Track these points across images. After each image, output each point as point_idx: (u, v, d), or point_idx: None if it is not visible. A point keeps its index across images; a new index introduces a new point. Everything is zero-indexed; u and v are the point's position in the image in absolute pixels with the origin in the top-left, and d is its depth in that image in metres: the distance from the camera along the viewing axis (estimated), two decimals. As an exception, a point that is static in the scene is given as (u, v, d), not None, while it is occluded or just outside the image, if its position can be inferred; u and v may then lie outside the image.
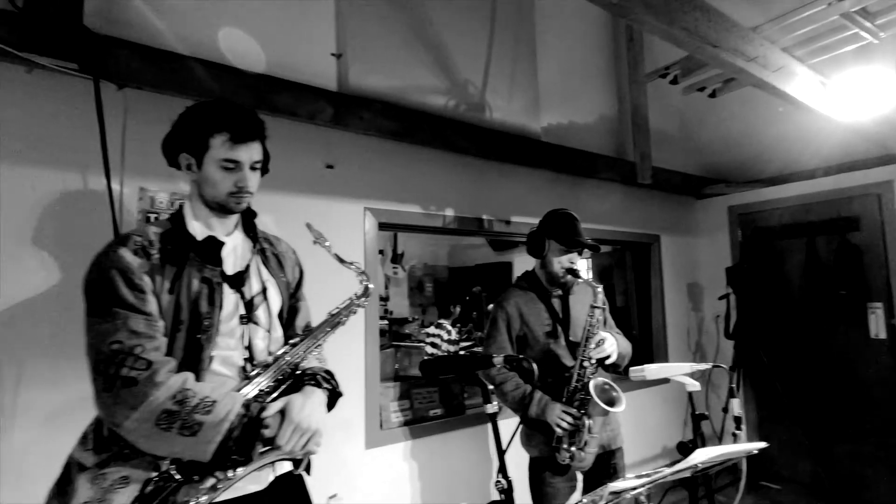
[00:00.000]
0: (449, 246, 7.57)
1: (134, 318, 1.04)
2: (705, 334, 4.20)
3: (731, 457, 1.21)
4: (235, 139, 1.16)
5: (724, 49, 1.63)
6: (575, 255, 1.87)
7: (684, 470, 1.12)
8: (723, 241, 4.16)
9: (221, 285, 1.18)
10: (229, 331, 1.18)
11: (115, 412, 1.00)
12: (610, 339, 1.78)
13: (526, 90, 3.04)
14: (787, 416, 3.62)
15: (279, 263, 1.35)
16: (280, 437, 1.09)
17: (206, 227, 1.23)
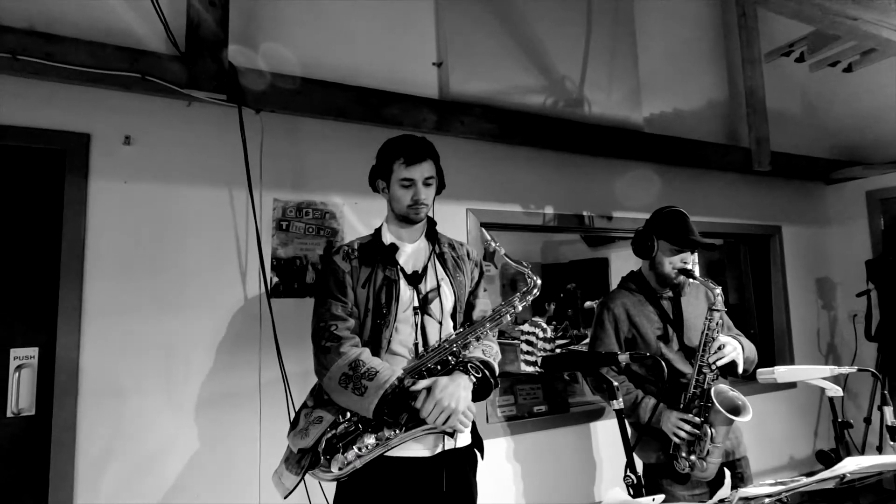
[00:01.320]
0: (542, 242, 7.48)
1: (335, 305, 1.41)
2: (839, 335, 3.76)
3: (884, 469, 1.11)
4: (409, 161, 1.45)
5: (865, 20, 1.47)
6: (687, 254, 1.79)
7: (829, 479, 1.05)
8: (860, 230, 3.69)
9: (398, 282, 1.45)
10: (405, 319, 1.44)
11: (318, 370, 1.38)
12: (733, 343, 1.68)
13: (625, 81, 2.94)
14: (950, 431, 3.12)
15: (457, 265, 1.58)
16: (423, 409, 1.30)
17: (395, 237, 1.53)
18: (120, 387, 1.78)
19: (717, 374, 1.66)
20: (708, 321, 1.66)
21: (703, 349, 1.66)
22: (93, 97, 1.82)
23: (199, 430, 1.86)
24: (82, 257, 1.76)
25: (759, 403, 3.33)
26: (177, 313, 1.87)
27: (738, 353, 1.67)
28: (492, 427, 2.52)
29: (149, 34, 1.87)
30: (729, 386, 1.61)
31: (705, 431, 1.57)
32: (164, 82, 1.77)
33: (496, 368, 1.47)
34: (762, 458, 3.28)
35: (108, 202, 1.82)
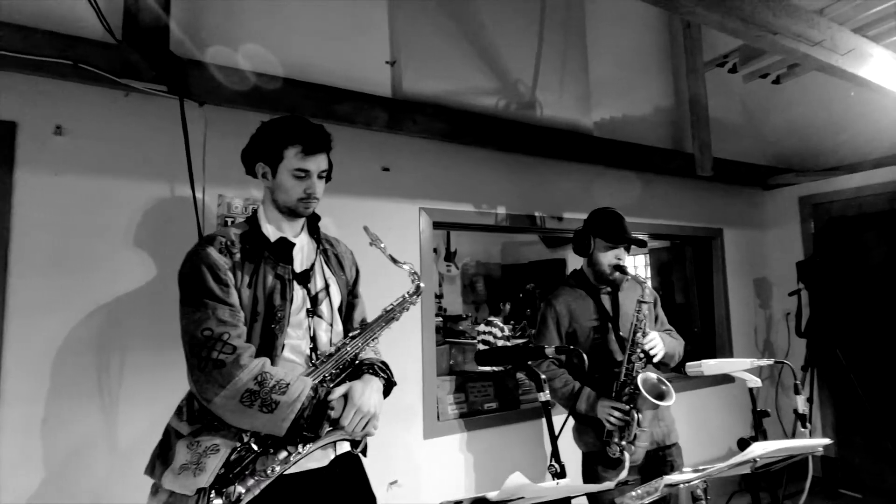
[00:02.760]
0: (501, 243, 7.59)
1: (221, 309, 1.19)
2: (775, 332, 3.99)
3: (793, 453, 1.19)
4: (307, 151, 1.31)
5: (785, 35, 1.57)
6: (621, 251, 1.87)
7: (742, 464, 1.12)
8: (793, 233, 3.93)
9: (292, 282, 1.32)
10: (298, 322, 1.32)
11: (206, 389, 1.14)
12: (655, 337, 1.76)
13: (576, 86, 3.03)
14: (869, 420, 3.38)
15: (339, 263, 1.49)
16: (343, 418, 1.22)
17: (277, 230, 1.37)
18: (46, 388, 1.70)
19: (645, 362, 1.74)
20: (636, 313, 1.74)
21: (632, 339, 1.73)
22: (21, 84, 1.73)
23: (130, 430, 1.79)
24: (6, 252, 1.66)
25: (704, 397, 3.51)
26: (109, 313, 1.80)
27: (660, 346, 1.76)
28: (444, 424, 2.55)
29: (87, 20, 1.79)
30: (656, 373, 1.69)
31: (632, 417, 1.65)
32: (99, 71, 1.70)
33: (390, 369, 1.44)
34: (704, 448, 3.44)
35: (36, 195, 1.73)
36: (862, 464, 3.51)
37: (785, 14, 1.58)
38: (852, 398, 3.44)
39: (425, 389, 2.47)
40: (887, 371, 3.37)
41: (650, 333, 1.76)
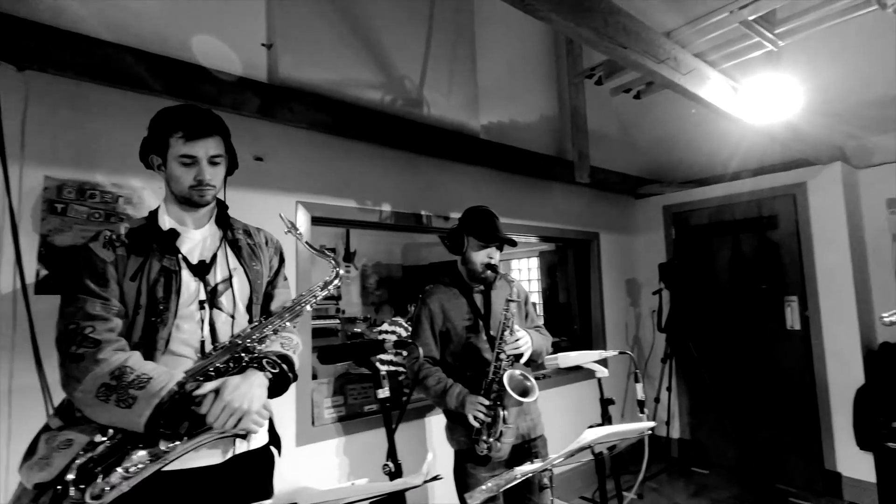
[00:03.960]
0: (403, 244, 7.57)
1: (91, 303, 1.18)
2: (642, 328, 4.38)
3: (624, 437, 1.27)
4: (189, 136, 1.28)
5: (633, 51, 1.70)
6: (493, 250, 1.91)
7: (580, 451, 1.17)
8: (658, 238, 4.35)
9: (179, 273, 1.28)
10: (188, 315, 1.28)
11: (67, 383, 1.15)
12: (523, 335, 1.82)
13: (465, 88, 3.07)
14: (715, 404, 3.83)
15: (253, 253, 1.44)
16: (210, 414, 1.16)
17: (176, 221, 1.35)
18: None
19: (513, 360, 1.78)
20: (505, 311, 1.78)
21: (500, 337, 1.77)
22: None
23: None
24: None
25: (578, 390, 3.72)
26: None
27: (528, 345, 1.81)
28: (320, 430, 2.43)
29: None
30: (521, 370, 1.74)
31: (497, 413, 1.68)
32: None
33: (295, 361, 1.38)
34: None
35: None
36: (709, 443, 3.97)
37: (634, 31, 1.71)
38: (702, 386, 3.88)
39: (299, 393, 2.34)
40: (729, 361, 3.84)
41: (518, 331, 1.80)
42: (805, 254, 3.49)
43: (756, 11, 1.74)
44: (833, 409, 3.34)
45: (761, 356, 3.68)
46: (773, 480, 3.56)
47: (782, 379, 3.58)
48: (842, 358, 3.31)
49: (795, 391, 3.51)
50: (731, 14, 1.78)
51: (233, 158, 1.43)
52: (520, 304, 2.02)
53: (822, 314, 3.41)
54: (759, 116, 2.38)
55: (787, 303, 3.55)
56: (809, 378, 3.44)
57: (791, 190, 3.57)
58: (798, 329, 3.51)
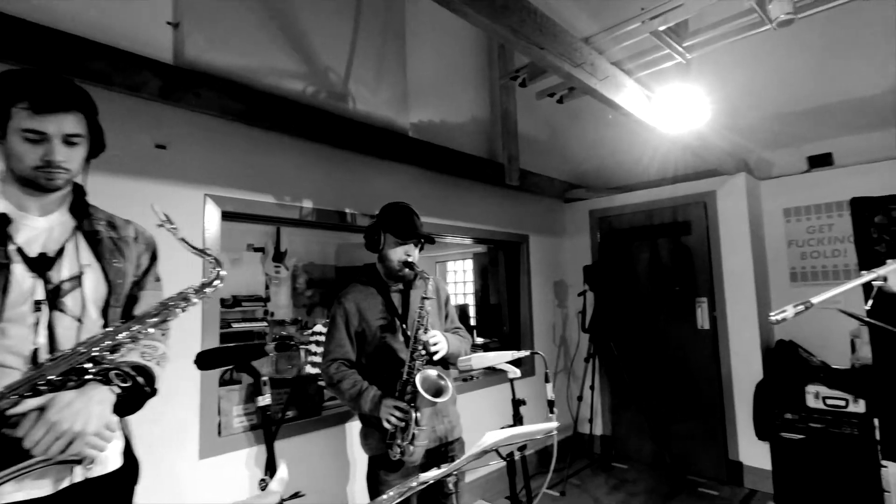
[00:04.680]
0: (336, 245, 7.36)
1: None
2: (569, 329, 4.50)
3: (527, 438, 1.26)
4: (38, 108, 1.08)
5: (550, 52, 1.71)
6: (411, 247, 1.86)
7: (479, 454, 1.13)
8: (585, 242, 4.49)
9: (8, 267, 1.08)
10: (18, 317, 1.08)
11: None
12: (438, 334, 1.78)
13: (394, 84, 3.01)
14: (633, 401, 3.99)
15: (116, 248, 1.26)
16: (28, 438, 0.97)
17: (14, 205, 1.15)
18: None
19: (427, 360, 1.74)
20: (419, 310, 1.73)
21: (414, 337, 1.72)
22: None
23: None
24: None
25: (504, 391, 3.75)
26: None
27: (443, 345, 1.78)
28: (227, 440, 2.26)
29: None
30: (436, 370, 1.70)
31: (410, 416, 1.62)
32: None
33: (157, 373, 1.21)
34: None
35: None
36: (629, 439, 4.14)
37: (551, 33, 1.72)
38: (622, 384, 4.04)
39: (203, 402, 2.16)
40: (647, 359, 4.03)
41: (432, 331, 1.76)
42: (714, 258, 3.72)
43: (665, 22, 1.81)
44: (736, 403, 3.59)
45: (675, 354, 3.89)
46: (684, 472, 3.76)
47: (694, 376, 3.80)
48: (744, 355, 3.56)
49: (705, 387, 3.74)
50: (642, 24, 1.84)
51: (98, 139, 1.23)
52: (439, 303, 1.98)
53: (727, 314, 3.65)
54: (671, 126, 2.50)
55: (698, 304, 3.78)
56: (716, 374, 3.67)
57: (702, 198, 3.80)
58: (707, 328, 3.74)
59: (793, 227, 3.67)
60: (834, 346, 3.39)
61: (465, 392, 3.41)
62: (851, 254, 3.19)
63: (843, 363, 3.30)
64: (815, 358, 3.40)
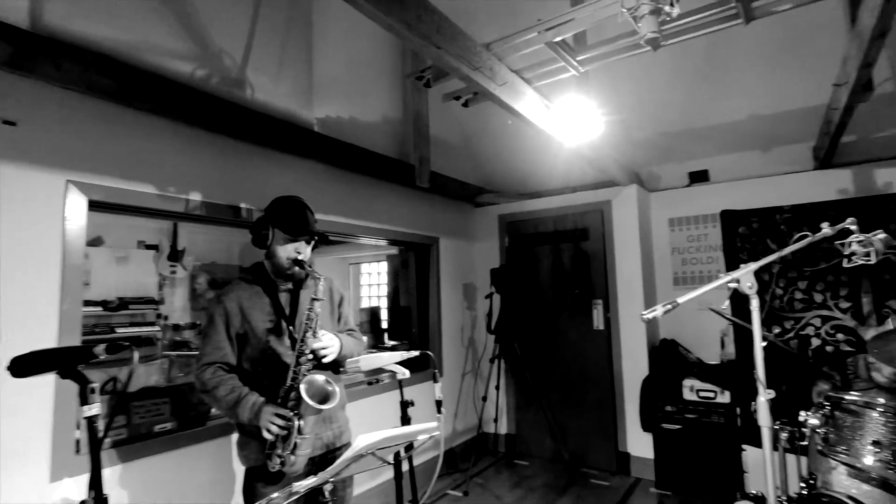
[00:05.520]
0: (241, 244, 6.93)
1: None
2: (477, 330, 4.58)
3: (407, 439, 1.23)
4: None
5: (447, 52, 1.71)
6: (302, 244, 1.76)
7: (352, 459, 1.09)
8: (493, 245, 4.60)
9: None
10: None
11: None
12: (329, 337, 1.71)
13: (298, 76, 2.88)
14: (535, 400, 4.14)
15: None
16: None
17: None
18: None
19: (314, 364, 1.65)
20: (308, 311, 1.65)
21: (301, 339, 1.63)
22: None
23: None
24: None
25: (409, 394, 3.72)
26: None
27: (335, 347, 1.70)
28: (85, 458, 2.00)
29: None
30: (324, 374, 1.62)
31: (293, 424, 1.53)
32: None
33: None
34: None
35: None
36: (531, 436, 4.29)
37: (449, 34, 1.73)
38: (525, 383, 4.18)
39: (57, 417, 1.90)
40: (548, 359, 4.21)
41: (324, 332, 1.67)
42: (609, 263, 3.98)
43: (559, 35, 1.89)
44: (626, 398, 3.85)
45: (574, 354, 4.10)
46: (579, 465, 3.96)
47: (590, 374, 4.02)
48: (633, 353, 3.84)
49: (599, 384, 3.97)
50: (538, 34, 1.90)
51: None
52: (332, 304, 1.90)
53: (620, 315, 3.91)
54: (569, 136, 2.62)
55: (595, 306, 4.01)
56: (609, 372, 3.92)
57: (599, 206, 4.05)
58: (602, 329, 3.98)
59: (676, 235, 4.02)
60: (708, 344, 3.76)
61: (370, 395, 3.33)
62: (722, 260, 3.56)
63: (715, 359, 3.67)
64: (691, 354, 3.75)
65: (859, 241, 1.77)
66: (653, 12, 1.32)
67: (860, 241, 1.76)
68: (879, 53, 1.91)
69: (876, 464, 1.69)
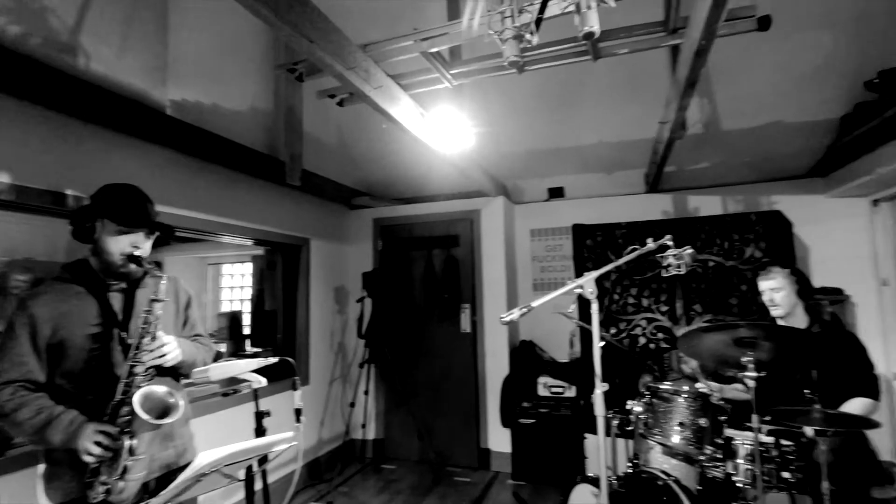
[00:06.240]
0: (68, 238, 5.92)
1: None
2: (347, 335, 4.49)
3: (255, 453, 1.15)
4: None
5: (320, 47, 1.66)
6: (141, 237, 1.54)
7: (191, 479, 0.98)
8: (367, 249, 4.56)
9: None
10: None
11: None
12: (170, 342, 1.52)
13: (148, 51, 2.55)
14: (404, 403, 4.18)
15: None
16: None
17: None
18: None
19: (153, 374, 1.46)
20: (146, 315, 1.45)
21: (136, 346, 1.43)
22: None
23: None
24: None
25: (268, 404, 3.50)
26: None
27: (175, 352, 1.52)
28: None
29: None
30: (166, 385, 1.44)
31: (121, 444, 1.33)
32: None
33: None
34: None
35: None
36: (399, 440, 4.31)
37: (323, 28, 1.67)
38: (395, 387, 4.20)
39: None
40: (419, 362, 4.28)
41: (162, 338, 1.48)
42: (476, 269, 4.19)
43: (434, 46, 1.95)
44: (489, 397, 4.07)
45: (443, 356, 4.23)
46: (444, 464, 4.09)
47: (456, 375, 4.18)
48: (496, 354, 4.08)
49: (465, 384, 4.15)
50: (414, 43, 1.94)
51: None
52: (178, 307, 1.71)
53: (485, 319, 4.14)
54: (442, 145, 2.71)
55: (463, 310, 4.19)
56: (475, 372, 4.12)
57: (470, 215, 4.26)
58: (469, 332, 4.17)
59: (536, 245, 4.39)
60: (560, 344, 4.15)
61: (226, 408, 3.06)
62: (573, 268, 3.97)
63: (565, 357, 4.07)
64: (546, 354, 4.11)
65: (674, 255, 2.11)
66: (515, 37, 1.44)
67: (675, 254, 2.10)
68: (691, 99, 2.31)
69: (681, 441, 2.02)
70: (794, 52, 2.89)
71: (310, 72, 2.20)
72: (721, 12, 1.52)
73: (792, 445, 1.90)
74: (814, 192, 3.65)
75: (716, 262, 3.50)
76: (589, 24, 1.32)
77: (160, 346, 1.45)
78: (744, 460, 1.94)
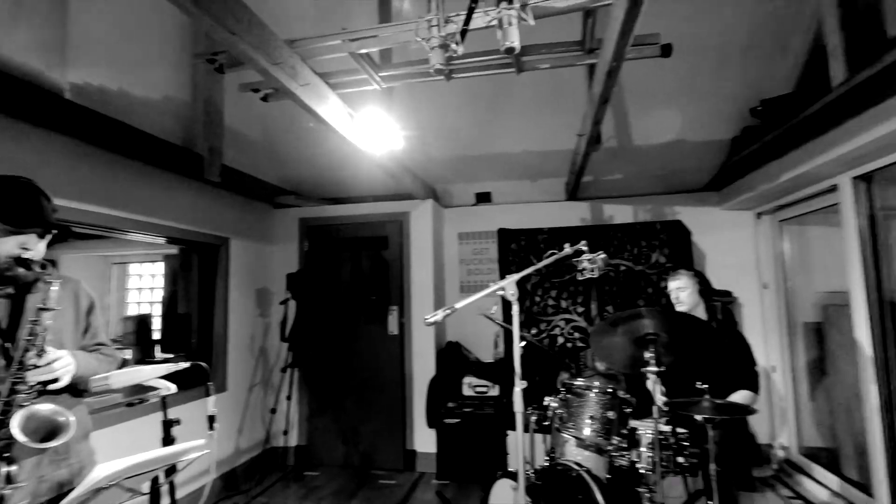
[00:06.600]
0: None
1: None
2: (270, 339, 4.32)
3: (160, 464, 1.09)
4: None
5: (243, 40, 1.60)
6: (32, 238, 1.39)
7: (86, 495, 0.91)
8: (293, 249, 4.42)
9: None
10: None
11: None
12: (61, 356, 1.37)
13: (44, 28, 2.32)
14: (329, 407, 4.10)
15: None
16: None
17: None
18: None
19: (39, 391, 1.32)
20: (32, 325, 1.32)
21: (20, 359, 1.30)
22: None
23: None
24: None
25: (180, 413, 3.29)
26: None
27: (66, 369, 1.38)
28: None
29: None
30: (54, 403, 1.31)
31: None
32: None
33: None
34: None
35: None
36: (323, 445, 4.21)
37: (246, 20, 1.62)
38: (319, 391, 4.10)
39: None
40: (345, 365, 4.21)
41: (51, 353, 1.34)
42: (405, 271, 4.21)
43: (363, 47, 1.94)
44: (415, 398, 4.10)
45: (369, 359, 4.19)
46: (369, 467, 4.05)
47: (383, 377, 4.17)
48: (423, 355, 4.12)
49: (392, 386, 4.14)
50: (343, 43, 1.93)
51: None
52: (78, 314, 1.56)
53: (413, 320, 4.16)
54: (370, 147, 2.70)
55: (391, 311, 4.19)
56: (401, 374, 4.13)
57: (399, 217, 4.27)
58: (397, 334, 4.17)
59: (463, 248, 4.49)
60: (486, 345, 4.27)
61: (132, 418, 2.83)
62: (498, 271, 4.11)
63: (490, 358, 4.19)
64: (472, 354, 4.21)
65: (589, 260, 2.26)
66: (442, 46, 1.48)
67: (589, 259, 2.26)
68: (605, 115, 2.49)
69: (591, 433, 2.16)
70: (694, 78, 3.21)
71: (231, 64, 2.11)
72: (628, 38, 1.66)
73: (686, 433, 2.10)
74: (710, 204, 4.05)
75: (626, 267, 3.79)
76: (510, 39, 1.39)
77: (49, 362, 1.31)
78: (646, 448, 2.11)
